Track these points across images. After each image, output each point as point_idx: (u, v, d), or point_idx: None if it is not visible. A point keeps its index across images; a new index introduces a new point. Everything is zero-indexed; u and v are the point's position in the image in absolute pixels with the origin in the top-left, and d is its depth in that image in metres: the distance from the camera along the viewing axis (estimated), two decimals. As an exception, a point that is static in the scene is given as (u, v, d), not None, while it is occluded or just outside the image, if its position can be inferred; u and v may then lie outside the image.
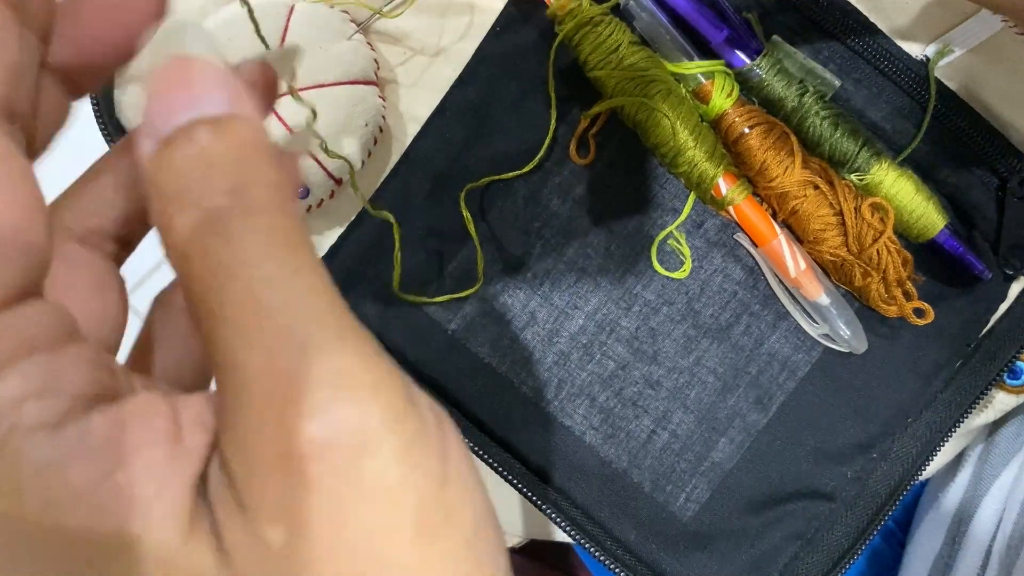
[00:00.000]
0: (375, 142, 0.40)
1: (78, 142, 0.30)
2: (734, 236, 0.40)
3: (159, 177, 0.14)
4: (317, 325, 0.13)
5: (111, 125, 0.39)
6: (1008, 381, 0.40)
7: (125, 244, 0.18)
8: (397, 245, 0.39)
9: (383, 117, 0.39)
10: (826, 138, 0.38)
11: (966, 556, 0.39)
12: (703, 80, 0.38)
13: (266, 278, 0.13)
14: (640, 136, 0.39)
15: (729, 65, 0.38)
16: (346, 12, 0.39)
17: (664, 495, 0.40)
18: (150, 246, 0.20)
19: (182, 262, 0.14)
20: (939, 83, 0.38)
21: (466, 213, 0.38)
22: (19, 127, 0.14)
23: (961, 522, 0.41)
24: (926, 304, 0.38)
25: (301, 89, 0.36)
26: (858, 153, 0.38)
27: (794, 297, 0.40)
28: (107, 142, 0.39)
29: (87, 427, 0.13)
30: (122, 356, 0.18)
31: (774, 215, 0.39)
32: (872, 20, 0.38)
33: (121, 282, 0.18)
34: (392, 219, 0.38)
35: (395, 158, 0.41)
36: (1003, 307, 0.40)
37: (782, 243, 0.38)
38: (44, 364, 0.13)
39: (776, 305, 0.40)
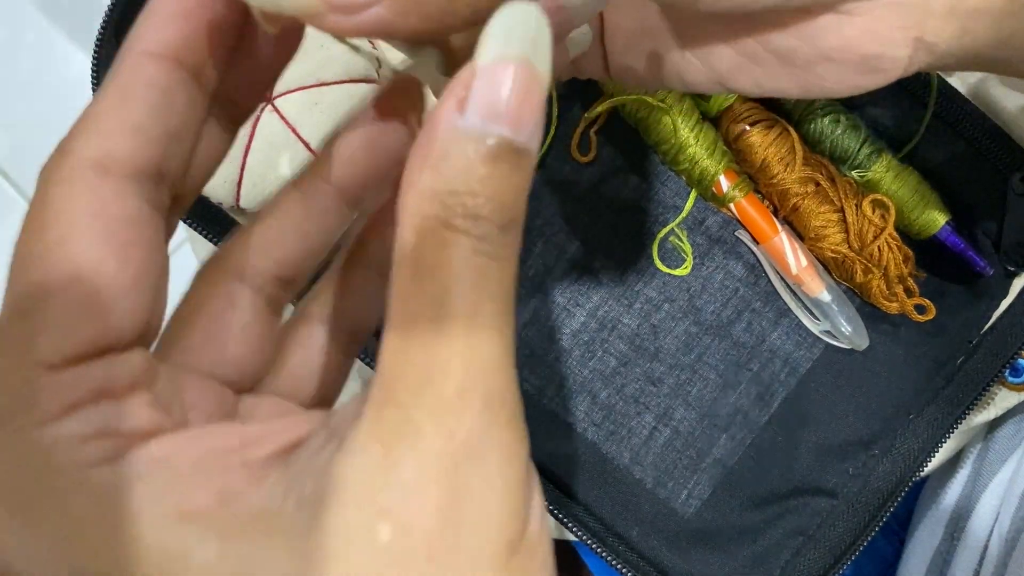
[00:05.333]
0: (377, 140, 0.40)
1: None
2: (735, 233, 0.40)
3: (450, 162, 0.14)
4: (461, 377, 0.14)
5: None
6: (1009, 379, 0.40)
7: (287, 284, 0.19)
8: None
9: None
10: (827, 135, 0.38)
11: (964, 552, 0.39)
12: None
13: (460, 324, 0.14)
14: (641, 134, 0.39)
15: (730, 62, 0.38)
16: (348, 11, 0.39)
17: (666, 492, 0.40)
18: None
19: (411, 227, 0.14)
20: (940, 79, 0.38)
21: None
22: (166, 186, 0.16)
23: (959, 518, 0.41)
24: (927, 301, 0.38)
25: (302, 88, 0.36)
26: (859, 150, 0.38)
27: (795, 294, 0.40)
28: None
29: (141, 458, 0.14)
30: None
31: (775, 212, 0.39)
32: (873, 17, 0.39)
33: (271, 325, 0.19)
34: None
35: (397, 156, 0.41)
36: (1005, 304, 0.40)
37: (783, 240, 0.38)
38: (107, 410, 0.14)
39: (777, 302, 0.40)
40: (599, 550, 0.39)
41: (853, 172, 0.38)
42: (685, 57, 0.23)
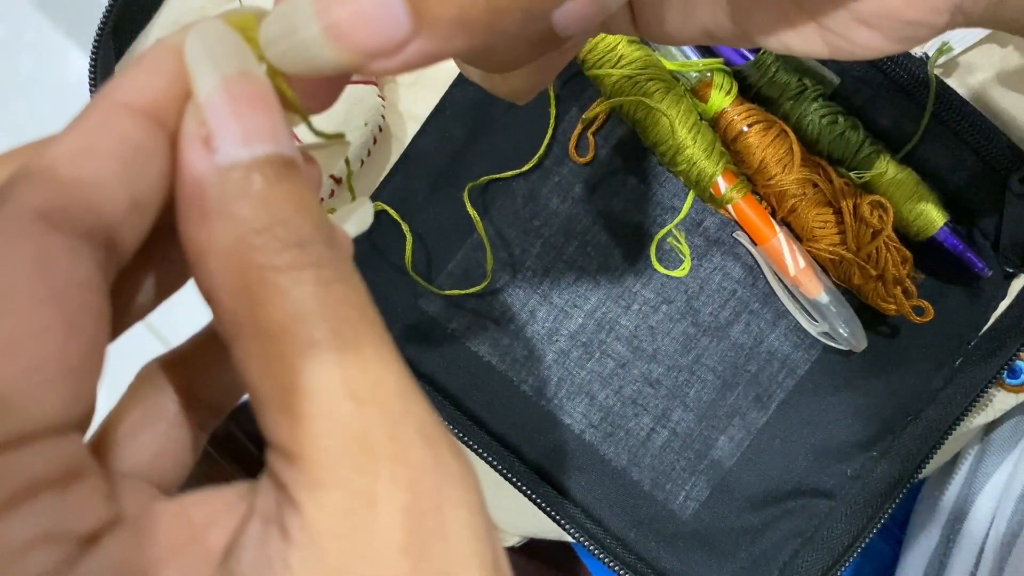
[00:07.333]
0: (375, 141, 0.40)
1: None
2: (733, 234, 0.40)
3: (239, 200, 0.13)
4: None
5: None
6: (1008, 380, 0.40)
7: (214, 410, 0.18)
8: (408, 234, 0.39)
9: (382, 116, 0.39)
10: (825, 136, 0.38)
11: (960, 553, 0.39)
12: (702, 78, 0.38)
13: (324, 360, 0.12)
14: (639, 134, 0.39)
15: (728, 63, 0.38)
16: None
17: (664, 493, 0.40)
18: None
19: (233, 291, 0.13)
20: (938, 80, 0.38)
21: (473, 213, 0.38)
22: (115, 261, 0.14)
23: (956, 520, 0.41)
24: (925, 302, 0.38)
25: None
26: (857, 151, 0.38)
27: (793, 295, 0.40)
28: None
29: (97, 565, 0.12)
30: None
31: (773, 213, 0.39)
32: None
33: (195, 436, 0.18)
34: (393, 213, 0.38)
35: (395, 157, 0.41)
36: (1003, 305, 0.40)
37: (781, 241, 0.38)
38: (50, 505, 0.12)
39: (775, 303, 0.40)
40: (596, 552, 0.39)
41: (851, 173, 0.38)
42: (714, 11, 0.22)
